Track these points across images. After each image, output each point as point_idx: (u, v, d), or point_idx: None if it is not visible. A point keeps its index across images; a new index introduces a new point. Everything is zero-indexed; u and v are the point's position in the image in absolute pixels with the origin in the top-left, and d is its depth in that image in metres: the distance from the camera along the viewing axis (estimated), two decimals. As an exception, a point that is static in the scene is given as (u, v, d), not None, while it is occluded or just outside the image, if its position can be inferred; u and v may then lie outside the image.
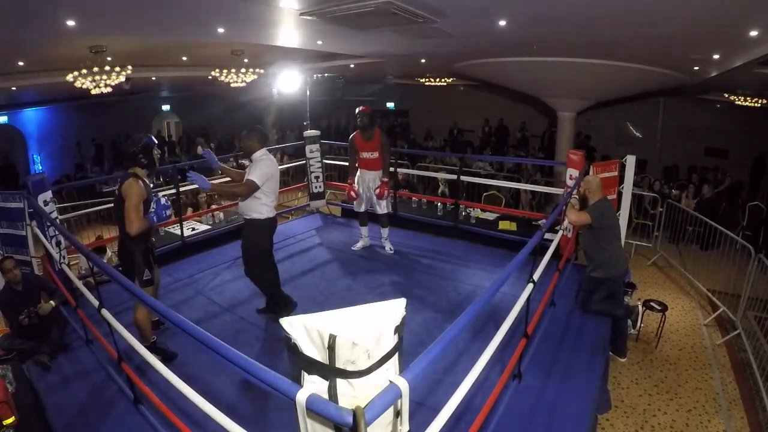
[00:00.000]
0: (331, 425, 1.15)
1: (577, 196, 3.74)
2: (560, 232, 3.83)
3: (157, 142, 3.00)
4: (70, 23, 4.35)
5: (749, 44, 4.78)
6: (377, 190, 4.53)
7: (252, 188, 3.15)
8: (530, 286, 2.47)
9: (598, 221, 3.45)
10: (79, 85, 6.45)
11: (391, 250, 4.82)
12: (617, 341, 3.77)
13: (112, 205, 5.68)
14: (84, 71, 6.31)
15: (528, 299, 2.46)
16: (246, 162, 3.60)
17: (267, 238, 3.37)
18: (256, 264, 3.38)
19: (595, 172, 4.22)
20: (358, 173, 4.64)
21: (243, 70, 8.49)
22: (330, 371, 1.16)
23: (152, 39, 5.97)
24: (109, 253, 5.55)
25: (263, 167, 3.19)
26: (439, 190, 7.20)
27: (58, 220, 3.77)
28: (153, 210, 2.89)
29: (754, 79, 6.67)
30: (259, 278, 3.44)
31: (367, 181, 4.59)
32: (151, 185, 2.98)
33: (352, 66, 9.24)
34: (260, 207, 3.25)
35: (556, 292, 3.66)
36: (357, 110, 4.46)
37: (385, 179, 4.54)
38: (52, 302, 3.23)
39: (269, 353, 3.09)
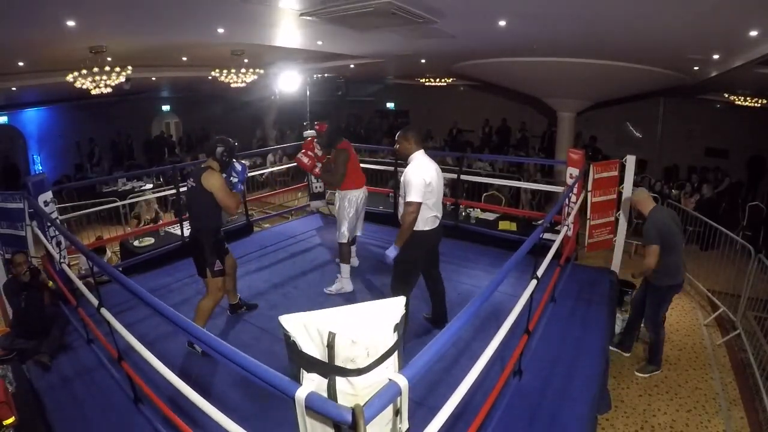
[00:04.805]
0: (331, 423, 1.15)
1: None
2: (562, 232, 3.83)
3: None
4: (70, 23, 4.35)
5: (749, 44, 4.78)
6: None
7: (414, 211, 2.80)
8: (533, 282, 2.47)
9: (659, 238, 3.33)
10: (79, 86, 6.45)
11: (329, 291, 3.92)
12: (626, 337, 3.94)
13: (112, 205, 5.80)
14: (84, 71, 6.31)
15: (531, 295, 2.46)
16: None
17: (417, 252, 2.96)
18: (397, 277, 3.05)
19: (596, 171, 4.23)
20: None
21: (243, 70, 8.49)
22: (329, 369, 1.16)
23: (152, 39, 5.97)
24: (108, 253, 5.56)
25: (416, 178, 2.78)
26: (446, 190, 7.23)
27: (58, 221, 3.76)
28: (235, 180, 3.05)
29: (754, 79, 6.67)
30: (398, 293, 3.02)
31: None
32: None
33: (352, 66, 9.25)
34: (422, 217, 2.87)
35: (557, 289, 3.66)
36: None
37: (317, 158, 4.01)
38: (51, 283, 3.34)
39: (269, 352, 3.08)
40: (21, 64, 6.73)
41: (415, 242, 2.91)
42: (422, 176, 2.79)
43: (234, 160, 3.11)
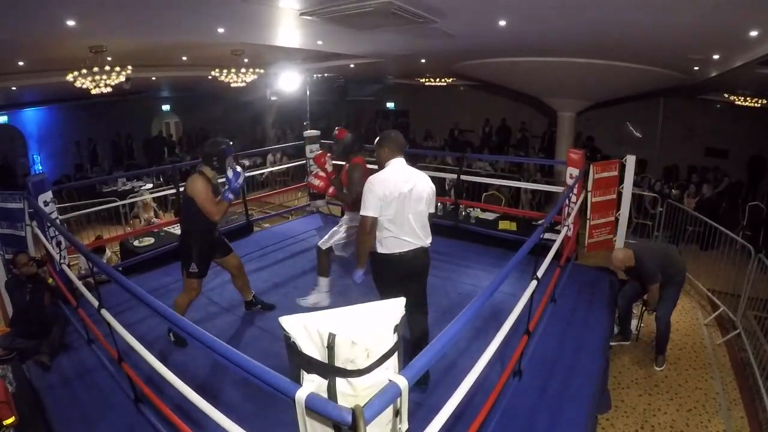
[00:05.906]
0: (330, 424, 1.15)
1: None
2: (562, 232, 3.83)
3: (234, 152, 3.06)
4: (70, 23, 4.35)
5: (749, 44, 4.78)
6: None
7: (367, 224, 2.46)
8: (534, 282, 2.46)
9: (659, 267, 3.64)
10: (79, 85, 6.46)
11: (305, 301, 3.56)
12: (623, 328, 4.13)
13: (111, 205, 5.80)
14: (84, 71, 6.32)
15: (531, 295, 2.45)
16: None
17: (385, 277, 2.61)
18: (380, 295, 2.69)
19: (596, 171, 4.23)
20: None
21: (243, 70, 8.49)
22: (329, 370, 1.16)
23: (152, 39, 5.97)
24: (108, 253, 5.56)
25: (368, 189, 2.45)
26: (447, 187, 7.30)
27: (58, 221, 3.76)
28: (226, 188, 2.94)
29: (754, 79, 6.67)
30: None
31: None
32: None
33: (352, 66, 9.25)
34: (379, 238, 2.53)
35: (557, 289, 3.66)
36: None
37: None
38: (51, 280, 3.36)
39: (269, 353, 3.08)
40: (21, 63, 6.73)
41: (381, 263, 2.57)
42: (375, 189, 2.42)
43: (230, 164, 2.96)
